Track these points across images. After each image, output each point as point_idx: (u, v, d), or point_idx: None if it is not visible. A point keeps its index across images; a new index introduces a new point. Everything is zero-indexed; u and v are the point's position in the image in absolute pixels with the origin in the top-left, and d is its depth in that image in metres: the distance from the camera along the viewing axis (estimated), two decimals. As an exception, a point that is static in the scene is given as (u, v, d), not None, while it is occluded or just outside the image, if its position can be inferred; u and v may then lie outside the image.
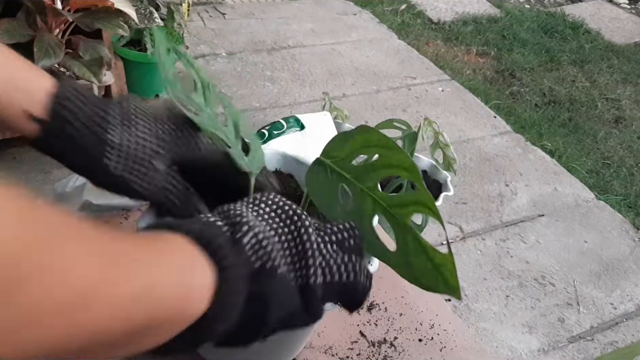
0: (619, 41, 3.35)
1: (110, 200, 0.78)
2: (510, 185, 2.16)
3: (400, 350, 0.66)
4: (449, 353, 0.67)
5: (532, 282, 1.79)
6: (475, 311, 1.67)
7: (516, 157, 2.31)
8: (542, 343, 1.62)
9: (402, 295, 0.72)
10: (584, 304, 1.76)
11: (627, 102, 2.82)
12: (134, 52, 2.04)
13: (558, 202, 2.13)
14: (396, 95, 2.55)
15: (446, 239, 0.40)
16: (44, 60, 1.54)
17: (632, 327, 1.71)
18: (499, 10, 3.43)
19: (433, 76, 2.73)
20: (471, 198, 2.06)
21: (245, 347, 0.40)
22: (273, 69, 2.55)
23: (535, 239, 1.95)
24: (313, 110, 2.25)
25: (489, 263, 1.83)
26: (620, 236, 2.03)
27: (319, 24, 2.97)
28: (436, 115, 2.44)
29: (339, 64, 2.68)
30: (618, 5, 3.80)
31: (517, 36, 3.17)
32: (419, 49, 2.93)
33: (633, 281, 1.85)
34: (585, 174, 2.30)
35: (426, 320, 0.70)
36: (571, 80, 2.92)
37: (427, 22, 3.22)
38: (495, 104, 2.62)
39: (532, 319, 1.68)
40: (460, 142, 2.32)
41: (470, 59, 2.97)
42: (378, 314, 0.69)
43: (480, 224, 1.97)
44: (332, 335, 0.66)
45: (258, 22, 2.87)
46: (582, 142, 2.49)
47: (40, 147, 0.46)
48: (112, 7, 1.64)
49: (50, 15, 1.63)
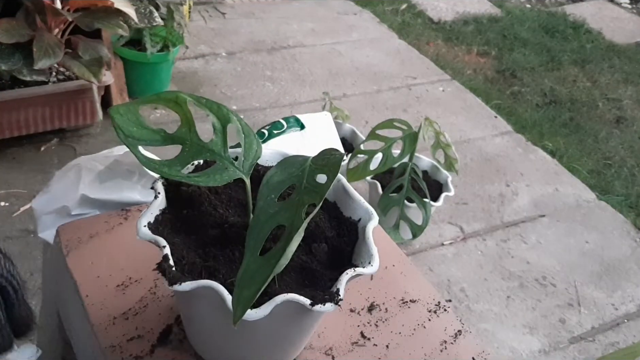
0: (620, 41, 3.34)
1: (106, 194, 0.78)
2: (511, 185, 2.16)
3: (400, 351, 0.65)
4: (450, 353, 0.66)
5: (533, 283, 1.79)
6: (476, 312, 1.66)
7: (517, 157, 2.31)
8: (543, 344, 1.61)
9: (401, 296, 0.72)
10: (585, 304, 1.75)
11: (629, 102, 2.82)
12: (133, 52, 2.04)
13: (559, 203, 2.12)
14: (397, 95, 2.55)
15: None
16: (43, 60, 1.54)
17: (633, 327, 1.70)
18: (500, 9, 3.43)
19: (434, 76, 2.73)
20: (472, 198, 2.06)
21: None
22: (273, 69, 2.54)
23: (536, 240, 1.94)
24: (313, 110, 2.24)
25: (489, 263, 1.82)
26: (622, 237, 2.02)
27: (319, 24, 2.96)
28: (437, 115, 2.44)
29: (339, 64, 2.68)
30: (619, 5, 3.79)
31: (518, 36, 3.17)
32: (419, 48, 2.93)
33: (634, 282, 1.85)
34: (587, 174, 2.29)
35: (426, 321, 0.70)
36: (572, 80, 2.91)
37: (427, 22, 3.22)
38: (496, 104, 2.61)
39: (533, 319, 1.67)
40: (460, 142, 2.32)
41: (471, 58, 2.96)
42: (378, 314, 0.69)
43: (481, 224, 1.96)
44: (332, 336, 0.65)
45: (258, 22, 2.87)
46: (583, 142, 2.48)
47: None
48: (112, 6, 1.64)
49: (49, 14, 1.62)
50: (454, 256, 1.83)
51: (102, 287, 0.66)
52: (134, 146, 0.51)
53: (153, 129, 0.52)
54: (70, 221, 0.75)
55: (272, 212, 0.48)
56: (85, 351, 0.68)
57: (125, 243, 0.72)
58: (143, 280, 0.68)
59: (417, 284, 0.74)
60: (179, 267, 0.51)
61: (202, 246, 0.55)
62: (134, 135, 0.51)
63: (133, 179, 0.79)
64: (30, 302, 1.48)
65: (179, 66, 2.38)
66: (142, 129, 0.52)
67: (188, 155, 0.53)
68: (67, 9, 1.66)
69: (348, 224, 0.59)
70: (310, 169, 0.51)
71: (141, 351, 0.60)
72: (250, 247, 0.46)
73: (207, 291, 0.48)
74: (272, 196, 0.50)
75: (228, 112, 0.54)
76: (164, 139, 0.53)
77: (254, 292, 0.43)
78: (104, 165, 0.79)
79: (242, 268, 0.45)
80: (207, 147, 0.53)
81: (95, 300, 0.65)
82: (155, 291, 0.67)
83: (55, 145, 1.91)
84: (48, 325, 0.87)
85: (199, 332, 0.59)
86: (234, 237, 0.56)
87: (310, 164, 0.52)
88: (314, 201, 0.47)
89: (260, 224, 0.48)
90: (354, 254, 0.56)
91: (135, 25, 1.72)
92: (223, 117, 0.54)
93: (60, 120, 1.83)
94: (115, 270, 0.69)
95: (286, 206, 0.48)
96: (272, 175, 0.52)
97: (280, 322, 0.52)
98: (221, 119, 0.54)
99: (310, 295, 0.49)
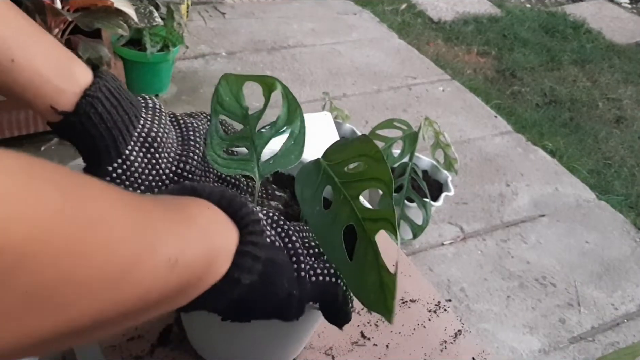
0: (620, 41, 3.34)
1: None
2: (511, 185, 2.16)
3: (400, 350, 0.65)
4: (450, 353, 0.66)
5: (533, 283, 1.79)
6: (476, 312, 1.66)
7: (517, 157, 2.31)
8: (543, 344, 1.61)
9: (401, 296, 0.72)
10: (585, 304, 1.75)
11: (629, 102, 2.82)
12: (133, 52, 2.03)
13: (559, 203, 2.12)
14: (397, 95, 2.55)
15: (396, 263, 0.40)
16: (43, 60, 1.54)
17: (633, 327, 1.70)
18: (500, 9, 3.43)
19: (433, 76, 2.73)
20: (472, 198, 2.06)
21: (245, 320, 0.43)
22: (273, 69, 2.54)
23: (536, 240, 1.94)
24: (313, 110, 2.24)
25: (489, 263, 1.82)
26: (622, 236, 2.02)
27: (319, 24, 2.96)
28: (437, 115, 2.44)
29: (339, 64, 2.68)
30: (619, 4, 3.79)
31: (518, 36, 3.17)
32: (419, 48, 2.93)
33: (634, 282, 1.85)
34: (587, 174, 2.29)
35: (426, 321, 0.70)
36: (572, 80, 2.91)
37: (427, 22, 3.22)
38: (496, 104, 2.61)
39: (533, 319, 1.67)
40: (460, 142, 2.32)
41: (470, 58, 2.96)
42: (378, 314, 0.69)
43: (481, 224, 1.96)
44: (332, 336, 0.65)
45: (258, 22, 2.87)
46: (583, 142, 2.48)
47: (56, 130, 0.47)
48: (112, 6, 1.63)
49: (49, 14, 1.62)
50: (454, 256, 1.83)
51: (102, 287, 0.66)
52: (216, 114, 0.52)
53: (241, 104, 0.53)
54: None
55: (329, 220, 0.45)
56: (85, 351, 0.68)
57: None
58: (143, 280, 0.68)
59: (417, 284, 0.74)
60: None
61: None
62: (224, 104, 0.52)
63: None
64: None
65: (179, 66, 2.38)
66: (235, 102, 0.53)
67: (239, 137, 0.53)
68: (67, 9, 1.66)
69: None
70: (326, 169, 0.48)
71: (141, 351, 0.60)
72: (338, 260, 0.44)
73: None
74: (317, 208, 0.47)
75: (301, 112, 0.54)
76: (243, 117, 0.53)
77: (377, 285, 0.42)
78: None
79: (354, 281, 0.44)
80: (251, 136, 0.53)
81: (95, 300, 0.65)
82: (155, 291, 0.67)
83: (55, 145, 1.91)
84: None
85: (199, 332, 0.59)
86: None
87: (324, 163, 0.49)
88: (372, 186, 0.44)
89: (330, 235, 0.45)
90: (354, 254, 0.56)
91: (135, 25, 1.72)
92: (291, 115, 0.54)
93: (60, 120, 1.83)
94: (115, 270, 0.68)
95: (338, 209, 0.45)
96: (301, 193, 0.48)
97: (280, 321, 0.52)
98: (290, 114, 0.54)
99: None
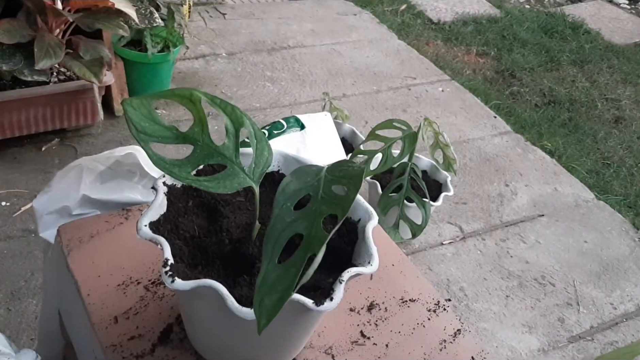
0: (618, 41, 3.35)
1: (107, 195, 0.78)
2: (510, 185, 2.16)
3: (400, 350, 0.66)
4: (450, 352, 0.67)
5: (532, 282, 1.79)
6: (475, 311, 1.67)
7: (516, 157, 2.31)
8: (542, 343, 1.62)
9: (401, 296, 0.72)
10: (584, 304, 1.76)
11: (627, 102, 2.82)
12: (134, 52, 2.04)
13: (558, 202, 2.12)
14: (396, 95, 2.55)
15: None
16: (44, 61, 1.54)
17: (632, 327, 1.71)
18: (499, 10, 3.43)
19: (433, 76, 2.73)
20: (471, 198, 2.06)
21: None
22: (273, 69, 2.55)
23: (535, 239, 1.95)
24: (313, 110, 2.25)
25: (489, 263, 1.83)
26: (620, 236, 2.03)
27: (319, 24, 2.97)
28: (436, 115, 2.44)
29: (339, 64, 2.68)
30: (618, 5, 3.80)
31: (517, 36, 3.17)
32: (419, 49, 2.93)
33: (633, 281, 1.85)
34: (585, 174, 2.30)
35: (426, 320, 0.70)
36: (571, 81, 2.92)
37: (427, 22, 3.22)
38: (495, 104, 2.62)
39: (532, 319, 1.68)
40: (460, 142, 2.32)
41: (470, 59, 2.96)
42: (378, 314, 0.69)
43: (480, 224, 1.97)
44: (332, 335, 0.66)
45: (258, 22, 2.87)
46: (582, 142, 2.49)
47: None
48: (113, 7, 1.64)
49: (50, 15, 1.63)
50: (453, 256, 1.83)
51: (102, 287, 0.67)
52: (145, 142, 0.48)
53: (166, 126, 0.50)
54: (71, 221, 0.76)
55: (289, 220, 0.47)
56: (86, 350, 0.68)
57: (126, 243, 0.73)
58: (144, 280, 0.68)
59: (416, 284, 0.74)
60: (180, 267, 0.51)
61: (203, 246, 0.55)
62: (147, 131, 0.49)
63: (134, 179, 0.79)
64: (30, 301, 1.49)
65: (179, 66, 2.38)
66: (155, 124, 0.49)
67: (199, 157, 0.51)
68: (68, 10, 1.67)
69: (348, 224, 0.59)
70: (326, 180, 0.50)
71: (142, 350, 0.60)
72: (268, 254, 0.45)
73: (207, 291, 0.48)
74: (288, 204, 0.48)
75: (242, 114, 0.52)
76: (176, 137, 0.50)
77: (275, 300, 0.42)
78: (105, 165, 0.79)
79: (260, 275, 0.44)
80: (218, 151, 0.51)
81: (96, 300, 0.65)
82: (156, 290, 0.67)
83: (56, 145, 1.91)
84: (49, 325, 0.87)
85: (199, 332, 0.59)
86: (236, 239, 0.56)
87: (325, 174, 0.50)
88: (333, 212, 0.46)
89: (278, 232, 0.46)
90: (353, 254, 0.57)
91: (135, 25, 1.72)
92: (236, 120, 0.52)
93: (61, 121, 1.83)
94: (116, 269, 0.69)
95: (303, 215, 0.47)
96: (287, 184, 0.50)
97: (280, 321, 0.52)
98: (234, 121, 0.52)
99: (311, 295, 0.49)
